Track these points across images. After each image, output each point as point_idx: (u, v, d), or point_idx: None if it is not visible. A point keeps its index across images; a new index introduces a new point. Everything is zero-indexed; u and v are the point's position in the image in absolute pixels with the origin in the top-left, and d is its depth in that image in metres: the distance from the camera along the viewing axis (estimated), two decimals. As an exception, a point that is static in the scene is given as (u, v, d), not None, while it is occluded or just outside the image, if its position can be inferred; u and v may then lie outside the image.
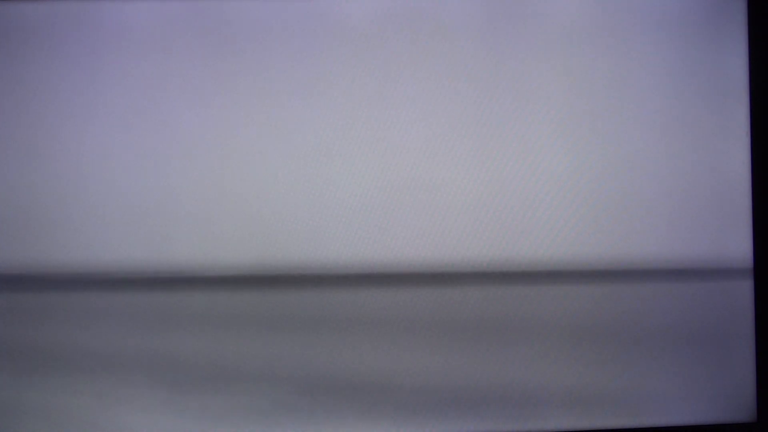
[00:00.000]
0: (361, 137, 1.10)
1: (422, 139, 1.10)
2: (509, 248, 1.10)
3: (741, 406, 1.14)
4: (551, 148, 1.11)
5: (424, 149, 1.10)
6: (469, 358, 1.11)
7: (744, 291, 1.13)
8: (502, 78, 1.11)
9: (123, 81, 1.08)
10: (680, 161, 1.12)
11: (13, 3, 1.08)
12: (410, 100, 1.10)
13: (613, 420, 1.12)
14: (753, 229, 1.13)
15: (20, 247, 1.08)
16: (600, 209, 1.11)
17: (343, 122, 1.10)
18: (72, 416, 1.08)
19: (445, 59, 1.11)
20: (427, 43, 1.11)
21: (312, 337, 1.10)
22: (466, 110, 1.11)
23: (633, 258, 1.12)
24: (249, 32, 1.09)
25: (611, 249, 1.11)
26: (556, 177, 1.11)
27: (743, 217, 1.13)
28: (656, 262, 1.12)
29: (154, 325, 1.08)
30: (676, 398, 1.13)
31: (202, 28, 1.09)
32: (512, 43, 1.11)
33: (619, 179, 1.11)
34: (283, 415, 1.09)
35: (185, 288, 1.09)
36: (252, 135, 1.09)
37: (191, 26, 1.09)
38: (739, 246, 1.13)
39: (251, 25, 1.10)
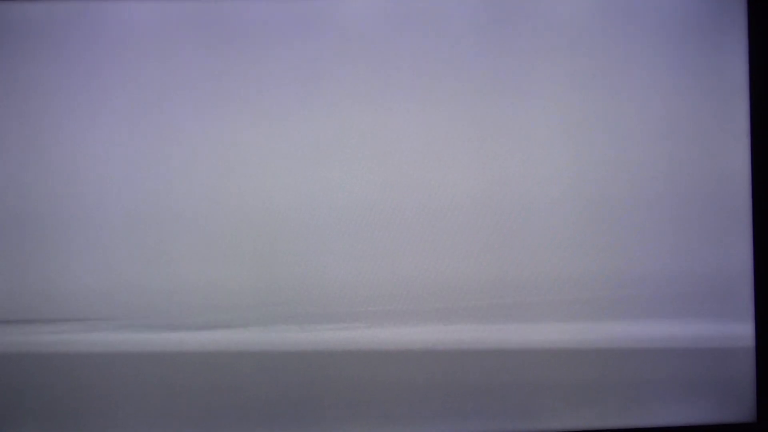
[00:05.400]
0: (362, 137, 1.10)
1: (422, 139, 1.10)
2: (509, 249, 1.10)
3: (741, 406, 1.14)
4: (551, 148, 1.11)
5: (424, 149, 1.10)
6: (470, 358, 1.11)
7: (744, 291, 1.13)
8: (501, 79, 1.11)
9: (123, 80, 1.08)
10: (680, 161, 1.12)
11: (13, 3, 1.08)
12: (410, 100, 1.10)
13: (613, 420, 1.12)
14: (753, 229, 1.13)
15: (18, 245, 1.08)
16: (599, 208, 1.11)
17: (344, 122, 1.10)
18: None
19: (444, 59, 1.10)
20: (427, 44, 1.11)
21: (312, 337, 1.10)
22: (466, 110, 1.11)
23: (632, 257, 1.12)
24: (249, 33, 1.09)
25: (610, 248, 1.11)
26: (556, 176, 1.11)
27: (743, 217, 1.13)
28: (656, 261, 1.12)
29: (153, 326, 1.09)
30: (676, 398, 1.13)
31: (203, 28, 1.09)
32: (512, 44, 1.11)
33: (619, 179, 1.11)
34: (283, 419, 1.10)
35: (184, 288, 1.09)
36: (252, 135, 1.09)
37: (192, 27, 1.09)
38: (740, 246, 1.13)
39: (251, 26, 1.10)
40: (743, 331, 1.13)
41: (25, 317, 1.08)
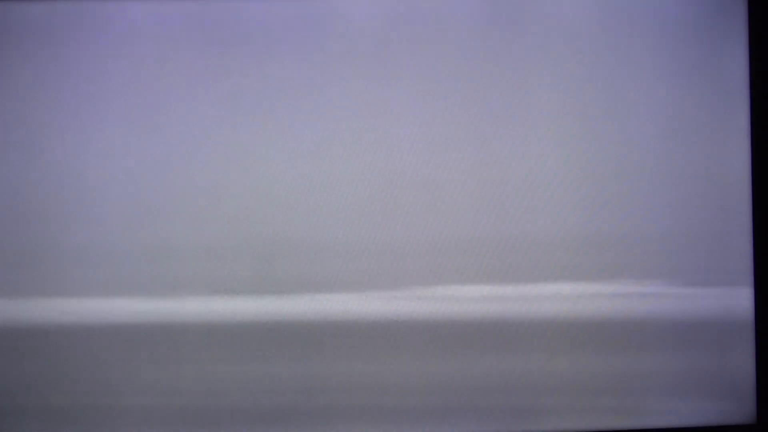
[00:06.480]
0: (361, 137, 1.10)
1: (422, 138, 1.10)
2: (509, 247, 1.10)
3: (741, 407, 1.13)
4: (551, 149, 1.11)
5: (424, 148, 1.10)
6: (470, 358, 1.11)
7: (744, 292, 1.13)
8: (501, 78, 1.11)
9: (124, 80, 1.09)
10: (680, 162, 1.12)
11: (13, 3, 1.08)
12: (410, 100, 1.10)
13: (613, 420, 1.12)
14: (753, 230, 1.13)
15: (18, 246, 1.08)
16: (599, 209, 1.11)
17: (344, 122, 1.10)
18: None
19: (445, 59, 1.11)
20: (427, 43, 1.11)
21: (312, 338, 1.10)
22: (466, 110, 1.11)
23: (633, 259, 1.12)
24: (250, 33, 1.10)
25: (610, 249, 1.11)
26: (556, 177, 1.11)
27: (743, 217, 1.13)
28: (656, 263, 1.12)
29: (153, 327, 1.09)
30: (676, 399, 1.13)
31: (203, 28, 1.09)
32: (512, 43, 1.11)
33: (619, 179, 1.11)
34: (281, 418, 1.10)
35: (185, 289, 1.09)
36: (253, 135, 1.09)
37: (192, 27, 1.09)
38: (739, 246, 1.13)
39: (252, 26, 1.10)
40: (743, 333, 1.13)
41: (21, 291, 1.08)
